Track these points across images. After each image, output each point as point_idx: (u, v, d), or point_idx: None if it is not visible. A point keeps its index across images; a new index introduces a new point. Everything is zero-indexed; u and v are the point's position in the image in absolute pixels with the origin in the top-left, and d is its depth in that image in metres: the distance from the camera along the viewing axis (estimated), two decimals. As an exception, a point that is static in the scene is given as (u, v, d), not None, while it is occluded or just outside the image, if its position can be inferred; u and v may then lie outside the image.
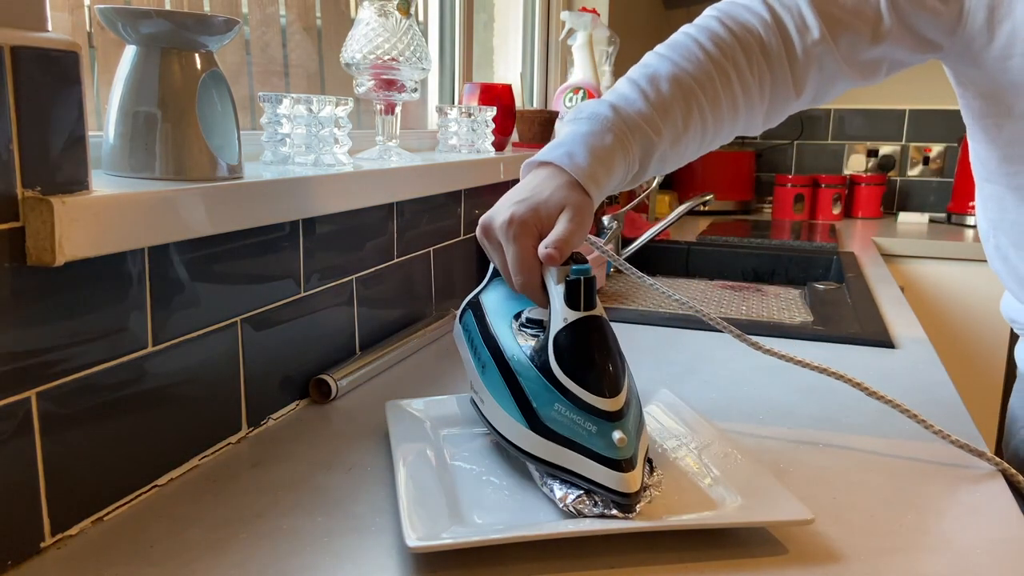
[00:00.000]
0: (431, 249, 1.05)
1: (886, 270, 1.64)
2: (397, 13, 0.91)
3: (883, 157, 2.66)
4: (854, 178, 2.55)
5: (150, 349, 0.58)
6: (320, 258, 0.80)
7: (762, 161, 2.76)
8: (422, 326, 0.98)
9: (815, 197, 2.45)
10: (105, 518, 0.55)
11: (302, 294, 0.77)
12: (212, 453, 0.66)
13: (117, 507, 0.56)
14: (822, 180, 2.44)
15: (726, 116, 0.73)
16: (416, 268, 1.01)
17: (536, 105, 1.95)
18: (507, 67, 1.82)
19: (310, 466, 0.64)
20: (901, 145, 2.65)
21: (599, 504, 0.53)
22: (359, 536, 0.53)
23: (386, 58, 0.91)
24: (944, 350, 1.95)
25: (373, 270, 0.90)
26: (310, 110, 0.77)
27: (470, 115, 1.14)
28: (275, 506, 0.57)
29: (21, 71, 0.45)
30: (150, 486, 0.59)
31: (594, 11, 1.68)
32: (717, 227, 2.15)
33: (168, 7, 0.84)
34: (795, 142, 2.74)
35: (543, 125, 1.47)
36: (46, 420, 0.50)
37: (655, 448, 0.64)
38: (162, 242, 0.55)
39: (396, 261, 0.96)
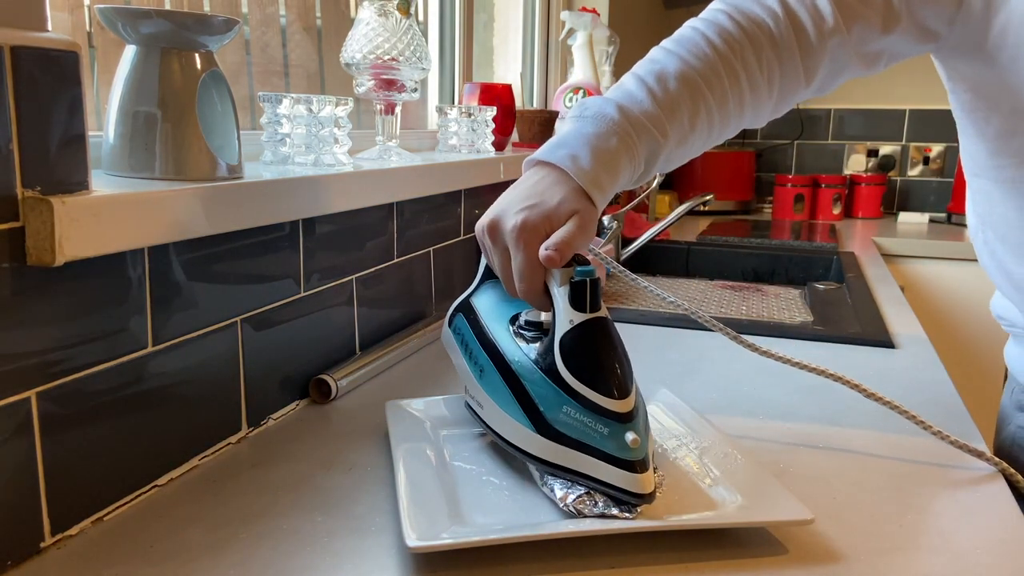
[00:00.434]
0: (431, 249, 1.05)
1: (886, 270, 1.64)
2: (397, 13, 0.91)
3: (883, 157, 2.66)
4: (854, 178, 2.55)
5: (150, 349, 0.58)
6: (320, 258, 0.80)
7: (762, 161, 2.75)
8: (422, 326, 0.98)
9: (815, 197, 2.45)
10: (105, 518, 0.55)
11: (302, 294, 0.77)
12: (212, 453, 0.66)
13: (117, 507, 0.56)
14: (822, 180, 2.44)
15: (732, 113, 0.72)
16: (416, 268, 1.01)
17: (536, 105, 1.95)
18: (507, 67, 1.82)
19: (310, 466, 0.64)
20: (901, 145, 2.65)
21: (599, 504, 0.53)
22: (359, 536, 0.53)
23: (386, 58, 0.91)
24: (944, 350, 1.94)
25: (373, 270, 0.90)
26: (310, 110, 0.77)
27: (470, 115, 1.14)
28: (275, 506, 0.57)
29: (21, 71, 0.45)
30: (150, 486, 0.59)
31: (594, 11, 1.68)
32: (717, 227, 2.15)
33: (168, 7, 0.84)
34: (795, 142, 2.74)
35: (543, 125, 1.47)
36: (46, 420, 0.50)
37: (655, 448, 0.64)
38: (162, 242, 0.55)
39: (396, 261, 0.96)
